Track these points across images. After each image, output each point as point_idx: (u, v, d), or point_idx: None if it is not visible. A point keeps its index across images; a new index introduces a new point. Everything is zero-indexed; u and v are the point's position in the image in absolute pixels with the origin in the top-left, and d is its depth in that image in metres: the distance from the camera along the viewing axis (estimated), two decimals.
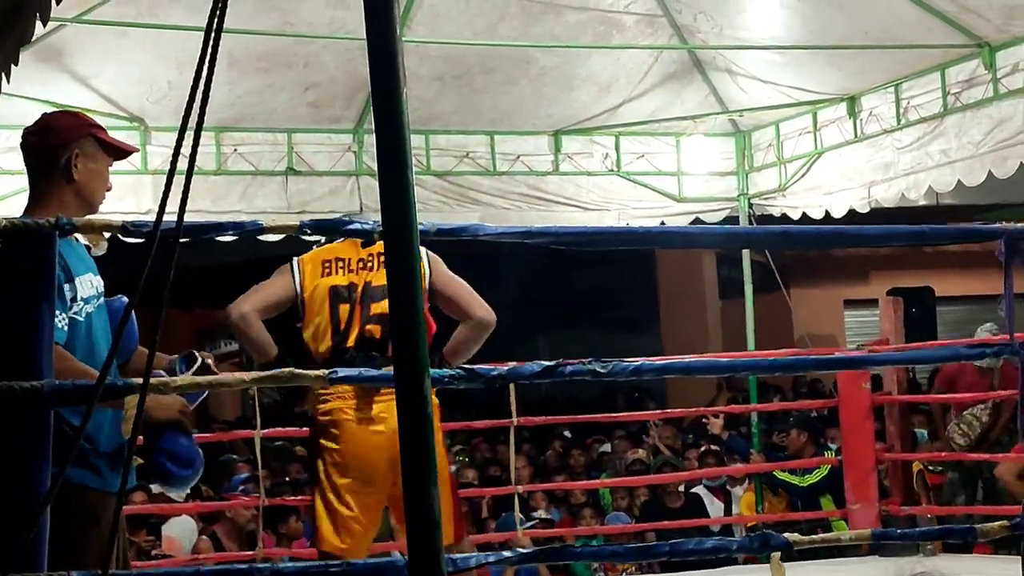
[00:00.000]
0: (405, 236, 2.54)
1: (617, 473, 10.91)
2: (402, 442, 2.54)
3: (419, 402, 2.53)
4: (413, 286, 2.54)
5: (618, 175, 9.89)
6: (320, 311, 5.05)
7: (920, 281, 14.11)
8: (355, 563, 3.55)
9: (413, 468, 2.53)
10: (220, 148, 8.87)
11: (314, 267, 5.12)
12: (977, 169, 8.30)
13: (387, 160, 2.51)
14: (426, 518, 2.50)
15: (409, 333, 2.53)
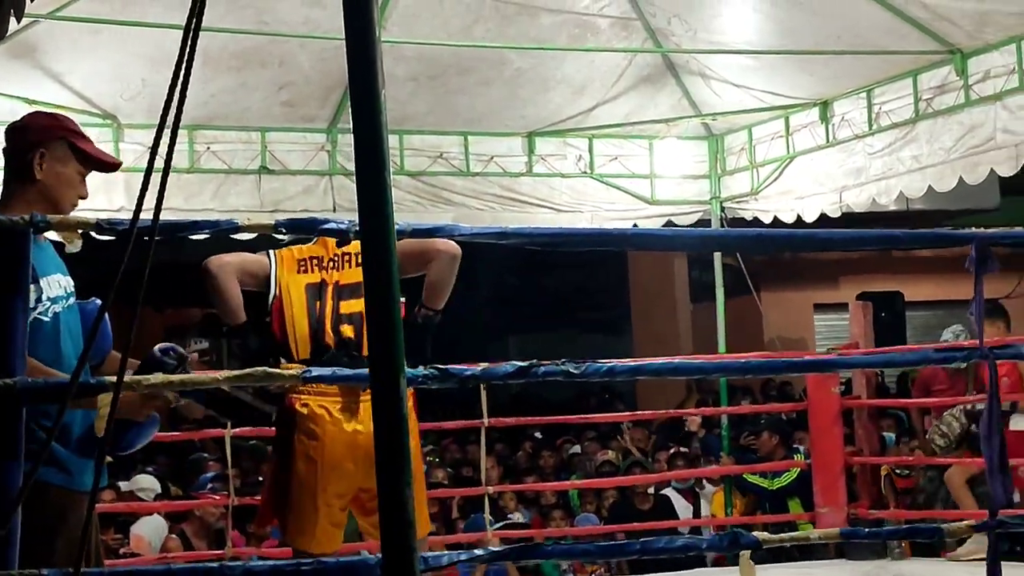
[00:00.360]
0: (383, 236, 2.55)
1: (587, 474, 10.93)
2: (377, 442, 2.55)
3: (394, 402, 2.53)
4: (390, 286, 2.54)
5: (591, 177, 9.91)
6: (297, 308, 5.04)
7: (890, 286, 14.20)
8: (327, 561, 3.55)
9: (388, 468, 2.53)
10: (193, 146, 8.85)
11: (290, 263, 5.12)
12: (948, 175, 8.36)
13: (365, 160, 2.51)
14: (400, 517, 2.51)
15: (385, 333, 2.54)
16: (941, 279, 14.91)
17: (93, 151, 4.03)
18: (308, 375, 3.55)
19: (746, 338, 12.73)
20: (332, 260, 5.10)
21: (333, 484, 4.93)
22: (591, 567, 9.55)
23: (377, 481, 2.52)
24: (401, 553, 2.51)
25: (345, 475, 4.92)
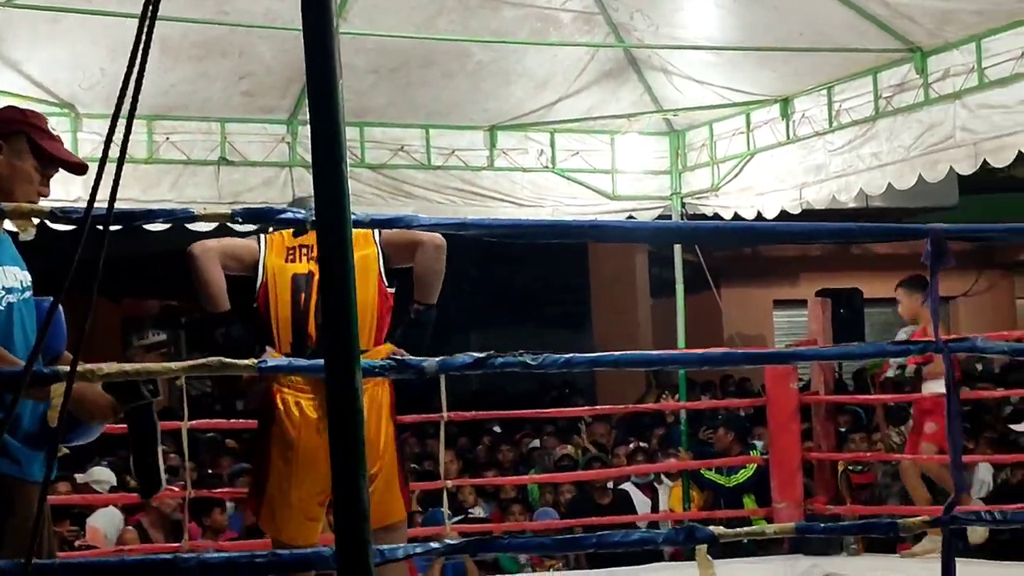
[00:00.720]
0: (339, 227, 2.53)
1: (546, 469, 10.94)
2: (332, 434, 2.54)
3: (349, 394, 2.52)
4: (346, 277, 2.53)
5: (553, 172, 9.91)
6: (282, 298, 4.99)
7: (849, 283, 14.26)
8: (281, 553, 3.53)
9: (343, 460, 2.52)
10: (152, 136, 8.79)
11: (279, 249, 5.06)
12: (907, 172, 8.40)
13: (322, 151, 2.50)
14: (354, 510, 2.50)
15: (340, 324, 2.53)
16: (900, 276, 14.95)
17: (54, 149, 3.97)
18: (263, 366, 3.53)
19: (706, 334, 12.79)
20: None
21: (308, 481, 4.92)
22: (549, 561, 9.56)
23: (332, 473, 2.51)
24: (356, 546, 2.50)
25: (320, 472, 4.88)
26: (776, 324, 17.50)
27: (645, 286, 16.20)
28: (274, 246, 5.06)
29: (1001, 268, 19.48)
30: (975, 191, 15.57)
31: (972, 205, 15.81)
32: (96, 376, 3.43)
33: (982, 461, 9.56)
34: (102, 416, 3.75)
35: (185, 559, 3.47)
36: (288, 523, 4.95)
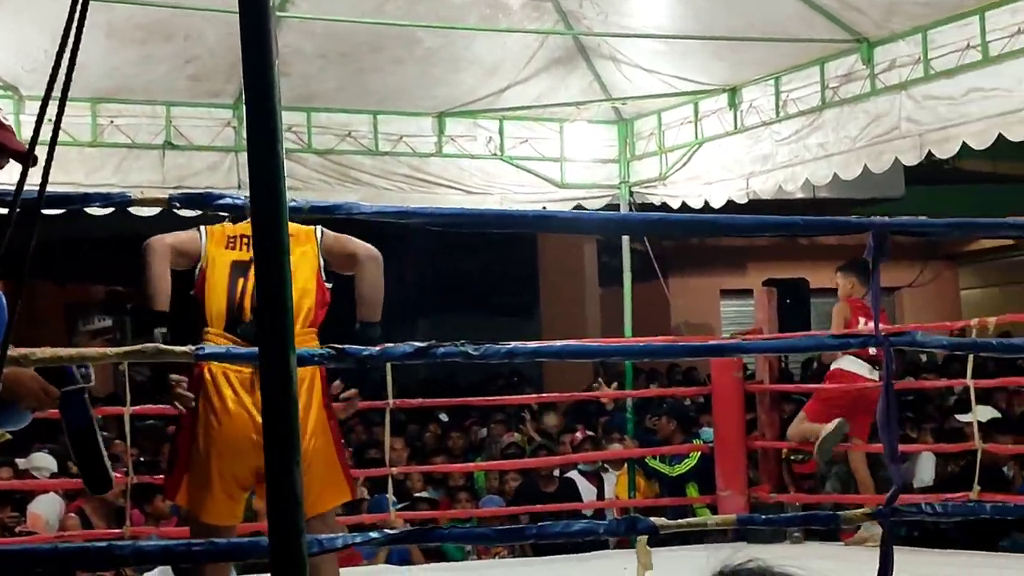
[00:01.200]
0: (274, 213, 2.50)
1: (492, 457, 10.93)
2: (266, 422, 2.50)
3: (284, 382, 2.49)
4: (281, 265, 2.50)
5: (501, 159, 9.90)
6: (219, 283, 4.94)
7: (795, 273, 14.32)
8: (218, 542, 3.50)
9: (277, 448, 2.49)
10: (96, 119, 8.70)
11: (219, 238, 5.03)
12: (853, 163, 8.44)
13: (257, 134, 2.46)
14: (288, 498, 2.47)
15: (275, 311, 2.50)
16: None
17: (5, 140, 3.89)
18: (201, 352, 3.50)
19: (653, 323, 12.80)
20: None
21: (229, 458, 4.83)
22: (495, 549, 9.55)
23: (265, 462, 2.49)
24: (288, 534, 2.47)
25: (244, 450, 4.80)
26: (723, 313, 17.57)
27: (594, 275, 16.21)
28: (214, 235, 5.03)
29: (946, 259, 19.63)
30: (921, 182, 15.66)
31: (918, 196, 15.88)
32: (30, 361, 3.39)
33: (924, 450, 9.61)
34: (33, 399, 3.69)
35: (121, 546, 3.44)
36: (208, 500, 4.86)
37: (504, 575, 8.45)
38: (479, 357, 3.72)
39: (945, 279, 19.66)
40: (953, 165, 14.70)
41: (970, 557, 8.28)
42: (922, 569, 7.04)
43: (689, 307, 15.94)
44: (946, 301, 19.28)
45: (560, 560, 8.61)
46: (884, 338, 4.19)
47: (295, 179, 8.96)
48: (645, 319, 11.32)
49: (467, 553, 9.51)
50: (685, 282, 16.16)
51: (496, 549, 9.52)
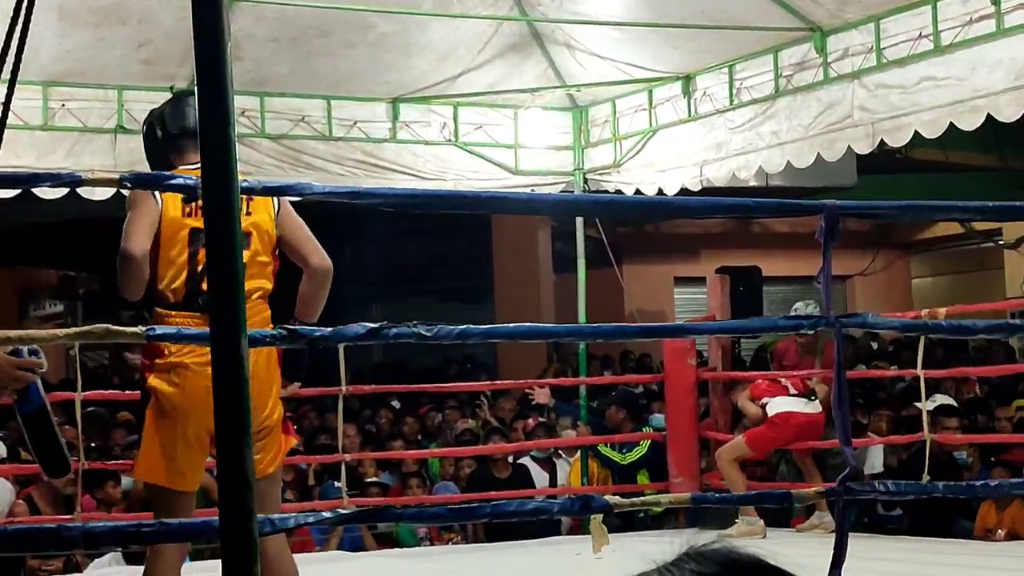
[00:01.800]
0: (226, 194, 2.49)
1: (446, 443, 10.93)
2: (217, 403, 2.50)
3: (235, 362, 2.49)
4: (232, 244, 2.49)
5: (456, 145, 9.89)
6: (177, 250, 4.79)
7: (748, 260, 14.32)
8: (169, 522, 3.49)
9: (228, 429, 2.48)
10: (47, 103, 8.63)
11: (175, 201, 4.86)
12: (806, 151, 8.49)
13: (209, 115, 2.45)
14: (239, 479, 2.47)
15: (227, 292, 2.49)
16: (798, 254, 15.15)
17: None
18: (152, 333, 3.48)
19: (607, 309, 12.83)
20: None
21: (192, 425, 4.76)
22: (448, 535, 9.56)
23: (217, 446, 2.48)
24: (239, 516, 2.47)
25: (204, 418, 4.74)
26: (677, 301, 17.60)
27: (548, 262, 16.22)
28: (167, 198, 4.85)
29: (898, 248, 19.74)
30: (874, 171, 15.73)
31: (871, 185, 15.96)
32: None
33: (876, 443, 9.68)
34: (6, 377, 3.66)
35: (70, 528, 3.42)
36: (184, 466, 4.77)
37: (457, 560, 8.46)
38: (431, 338, 3.72)
39: (897, 268, 19.77)
40: (905, 154, 14.78)
41: (918, 543, 8.36)
42: (871, 553, 7.11)
43: (643, 294, 15.96)
44: (898, 289, 19.40)
45: (513, 546, 8.63)
46: (836, 320, 4.21)
47: (248, 164, 8.91)
48: (599, 306, 11.35)
49: (420, 539, 9.52)
50: (639, 269, 16.19)
51: (449, 534, 9.53)
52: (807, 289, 13.56)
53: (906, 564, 7.37)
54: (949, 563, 7.42)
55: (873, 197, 14.53)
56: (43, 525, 4.38)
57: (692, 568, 1.18)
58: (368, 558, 8.61)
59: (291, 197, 3.84)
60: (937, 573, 7.07)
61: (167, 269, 4.74)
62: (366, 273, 18.69)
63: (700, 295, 14.74)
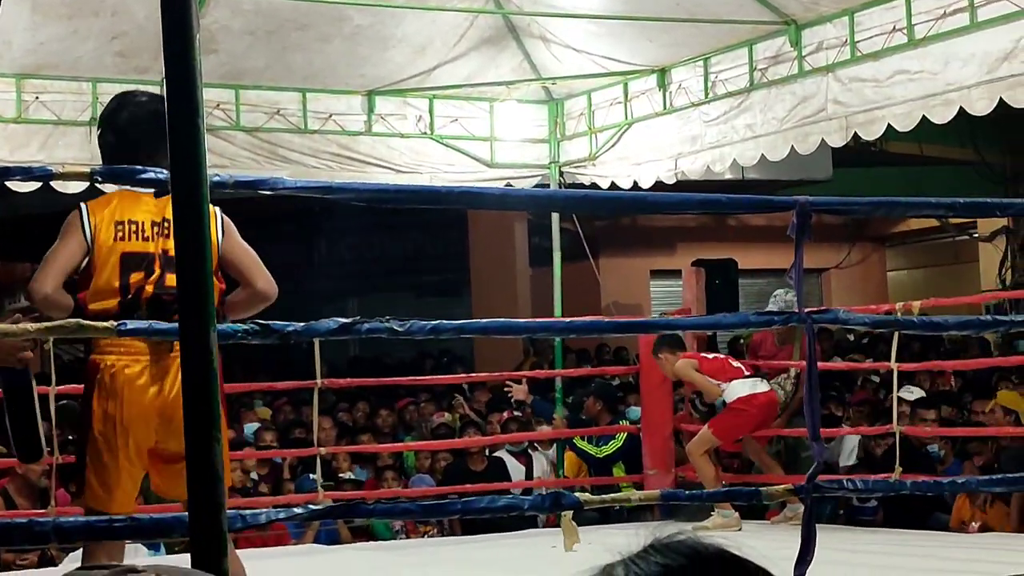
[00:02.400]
0: (194, 187, 2.49)
1: (422, 436, 10.93)
2: (186, 397, 2.50)
3: (204, 357, 2.49)
4: (202, 239, 2.49)
5: (431, 138, 9.88)
6: (108, 275, 4.61)
7: (724, 253, 14.40)
8: (140, 517, 3.48)
9: (197, 424, 2.48)
10: (21, 95, 8.60)
11: (108, 226, 4.68)
12: (780, 144, 8.50)
13: (177, 108, 2.45)
14: (209, 474, 2.47)
15: (196, 286, 2.49)
16: (774, 247, 15.16)
17: None
18: (123, 328, 3.47)
19: (583, 303, 12.85)
20: (157, 226, 4.60)
21: (132, 442, 4.65)
22: (424, 527, 9.56)
23: (186, 438, 2.48)
24: (209, 510, 2.47)
25: (142, 433, 4.57)
26: (653, 294, 17.63)
27: (524, 255, 16.23)
28: (100, 224, 4.58)
29: (873, 241, 19.82)
30: (849, 164, 15.80)
31: (847, 178, 16.04)
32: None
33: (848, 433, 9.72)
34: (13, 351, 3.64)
35: (41, 522, 3.41)
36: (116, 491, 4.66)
37: (433, 553, 8.46)
38: (404, 333, 3.72)
39: (872, 261, 19.86)
40: (880, 147, 14.84)
41: (893, 535, 8.39)
42: (845, 546, 7.14)
43: (619, 287, 15.98)
44: (873, 282, 19.48)
45: (489, 539, 8.63)
46: (807, 315, 4.23)
47: (223, 157, 8.89)
48: (575, 299, 11.37)
49: (396, 532, 9.52)
50: (615, 262, 16.21)
51: (425, 527, 9.53)
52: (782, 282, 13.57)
53: (879, 556, 7.40)
54: (922, 554, 7.45)
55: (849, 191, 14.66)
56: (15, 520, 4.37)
57: (657, 560, 1.19)
58: (344, 551, 8.60)
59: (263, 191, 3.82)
60: (910, 564, 7.10)
61: (95, 292, 4.57)
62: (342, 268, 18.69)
63: (676, 288, 14.78)
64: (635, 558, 1.21)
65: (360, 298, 19.04)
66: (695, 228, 17.45)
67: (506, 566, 7.43)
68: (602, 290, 14.97)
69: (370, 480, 10.00)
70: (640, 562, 1.20)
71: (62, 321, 3.41)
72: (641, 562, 1.19)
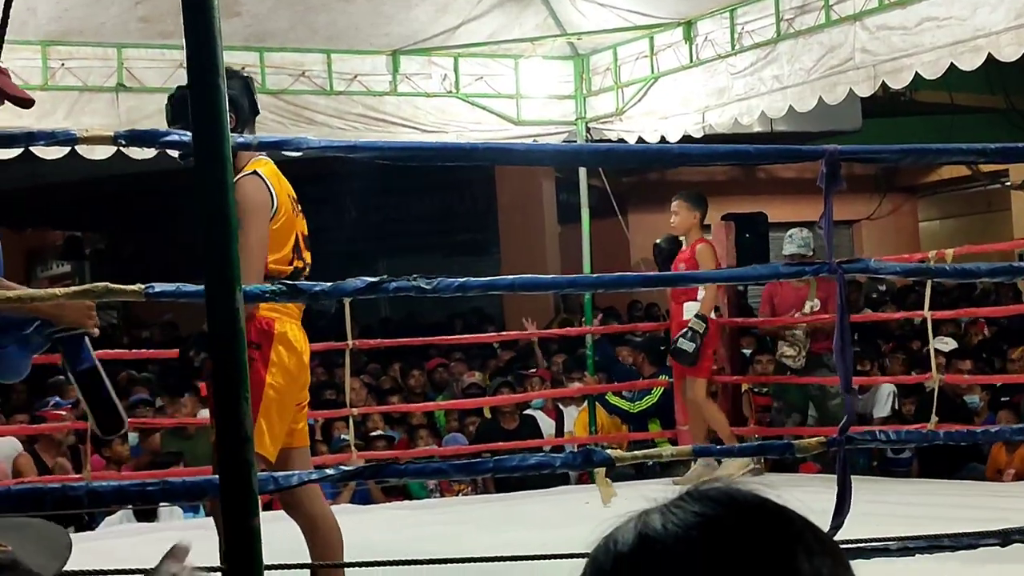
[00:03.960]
0: (216, 147, 2.48)
1: (453, 395, 10.96)
2: (213, 358, 2.50)
3: (231, 316, 2.49)
4: (225, 198, 2.49)
5: (456, 97, 9.83)
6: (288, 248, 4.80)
7: (754, 207, 14.35)
8: (173, 481, 3.50)
9: (225, 384, 2.49)
10: (47, 62, 8.59)
11: (285, 202, 4.76)
12: (808, 95, 8.43)
13: (197, 66, 2.44)
14: (238, 433, 2.47)
15: (220, 246, 2.49)
16: (804, 200, 15.09)
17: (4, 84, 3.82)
18: (151, 291, 3.47)
19: (613, 260, 12.82)
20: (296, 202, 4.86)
21: (298, 393, 4.90)
22: (457, 486, 9.59)
23: (214, 397, 2.48)
24: (239, 470, 2.47)
25: (299, 385, 4.91)
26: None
27: (552, 213, 16.19)
28: (282, 199, 4.72)
29: (904, 191, 19.69)
30: (879, 115, 15.69)
31: (876, 129, 15.92)
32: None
33: (880, 380, 9.69)
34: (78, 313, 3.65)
35: (74, 487, 3.43)
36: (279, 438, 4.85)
37: (466, 512, 8.49)
38: (432, 291, 3.71)
39: (903, 211, 19.73)
40: (910, 97, 14.73)
41: (928, 485, 8.37)
42: (879, 497, 7.12)
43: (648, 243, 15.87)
44: (904, 233, 19.37)
45: (522, 496, 8.66)
46: (837, 265, 4.20)
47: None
48: (604, 256, 11.34)
49: (430, 491, 9.55)
50: (644, 219, 16.13)
51: (459, 486, 9.56)
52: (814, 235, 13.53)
53: (914, 507, 7.38)
54: (957, 504, 7.42)
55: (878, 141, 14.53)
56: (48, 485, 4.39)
57: (693, 509, 1.18)
58: (378, 511, 8.65)
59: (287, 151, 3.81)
60: (945, 514, 7.07)
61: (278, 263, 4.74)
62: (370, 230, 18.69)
63: None
64: (671, 506, 1.20)
65: (389, 260, 19.04)
66: (725, 182, 17.36)
67: (540, 522, 7.45)
68: (631, 247, 14.93)
69: (402, 440, 10.04)
70: (676, 510, 1.19)
71: (90, 286, 3.41)
72: (677, 510, 1.18)
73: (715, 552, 1.14)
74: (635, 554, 1.16)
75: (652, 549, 1.16)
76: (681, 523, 1.17)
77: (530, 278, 4.22)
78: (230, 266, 2.45)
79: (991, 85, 15.30)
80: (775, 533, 1.16)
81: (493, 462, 3.98)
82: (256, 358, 4.65)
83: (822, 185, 4.26)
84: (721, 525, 1.16)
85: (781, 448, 4.97)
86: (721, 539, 1.15)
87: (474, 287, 3.91)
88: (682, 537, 1.16)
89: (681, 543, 1.15)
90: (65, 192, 15.91)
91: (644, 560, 1.16)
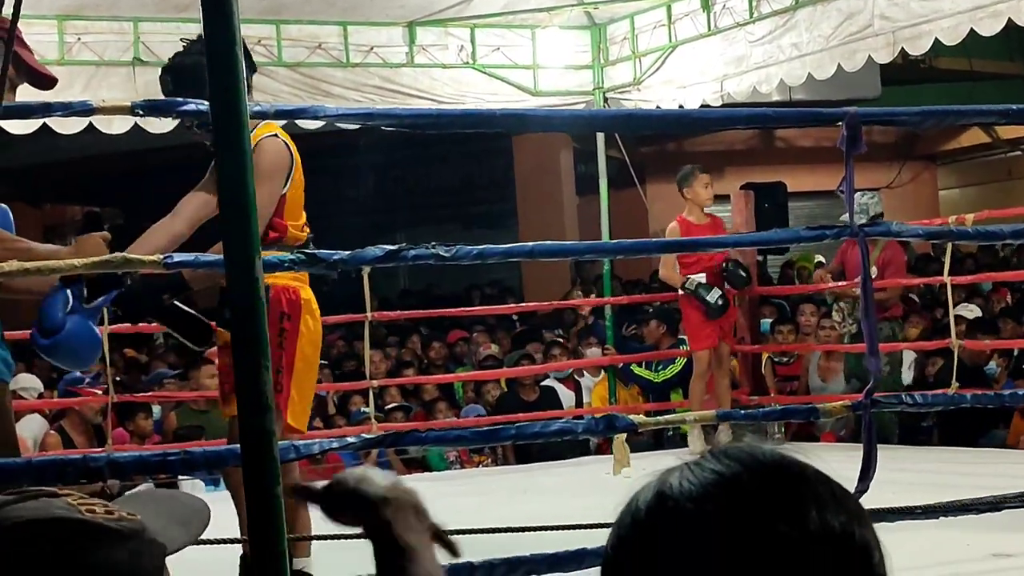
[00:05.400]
0: (234, 115, 2.47)
1: (473, 368, 10.96)
2: (234, 325, 2.49)
3: (250, 285, 2.48)
4: (243, 166, 2.47)
5: (474, 68, 9.80)
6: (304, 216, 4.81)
7: (773, 176, 14.28)
8: (193, 451, 3.50)
9: (245, 351, 2.48)
10: (63, 37, 8.58)
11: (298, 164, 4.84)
12: (827, 63, 8.38)
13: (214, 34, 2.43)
14: (258, 401, 2.46)
15: (239, 215, 2.47)
16: (824, 169, 15.05)
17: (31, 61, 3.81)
18: (170, 260, 3.47)
19: (631, 230, 12.78)
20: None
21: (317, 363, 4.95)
22: (478, 457, 9.61)
23: (235, 366, 2.48)
24: (260, 438, 2.47)
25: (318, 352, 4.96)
26: None
27: (571, 183, 16.14)
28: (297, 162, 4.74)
29: (924, 159, 19.60)
30: (898, 82, 15.60)
31: (895, 96, 15.81)
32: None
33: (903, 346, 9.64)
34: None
35: (96, 458, 3.43)
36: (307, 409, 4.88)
37: (486, 482, 8.50)
38: (450, 259, 3.71)
39: (923, 179, 19.64)
40: (929, 64, 14.64)
41: (949, 452, 8.36)
42: (901, 464, 7.11)
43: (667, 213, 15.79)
44: (924, 201, 19.27)
45: (542, 466, 8.67)
46: (860, 228, 4.18)
47: (265, 93, 8.83)
48: (623, 226, 11.31)
49: (450, 463, 9.57)
50: (663, 189, 16.02)
51: (479, 457, 9.57)
52: (833, 204, 13.47)
53: (935, 474, 7.37)
54: (979, 472, 7.41)
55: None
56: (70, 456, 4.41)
57: (713, 467, 1.18)
58: None
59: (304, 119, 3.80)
60: (966, 481, 7.06)
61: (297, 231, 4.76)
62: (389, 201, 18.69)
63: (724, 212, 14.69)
64: (691, 465, 1.20)
65: (408, 231, 19.04)
66: (743, 151, 17.29)
67: (560, 492, 7.45)
68: (650, 217, 14.90)
69: (420, 412, 10.05)
70: (696, 468, 1.19)
71: (108, 256, 3.41)
72: (696, 468, 1.19)
73: (729, 508, 1.14)
74: (652, 513, 1.17)
75: (668, 507, 1.17)
76: (698, 481, 1.17)
77: (549, 245, 4.22)
78: (250, 235, 2.44)
79: (1011, 51, 15.20)
80: (789, 488, 1.17)
81: (515, 429, 3.98)
82: (288, 329, 4.67)
83: (842, 147, 4.24)
84: (737, 482, 1.17)
85: (805, 412, 4.96)
86: (736, 495, 1.15)
87: (493, 254, 3.90)
88: (697, 495, 1.16)
89: (696, 500, 1.16)
90: (83, 167, 15.94)
91: (661, 518, 1.17)
